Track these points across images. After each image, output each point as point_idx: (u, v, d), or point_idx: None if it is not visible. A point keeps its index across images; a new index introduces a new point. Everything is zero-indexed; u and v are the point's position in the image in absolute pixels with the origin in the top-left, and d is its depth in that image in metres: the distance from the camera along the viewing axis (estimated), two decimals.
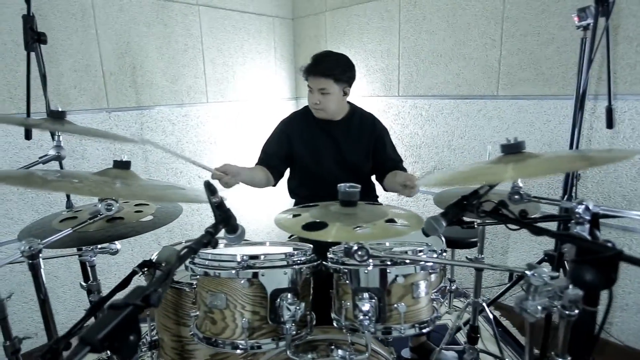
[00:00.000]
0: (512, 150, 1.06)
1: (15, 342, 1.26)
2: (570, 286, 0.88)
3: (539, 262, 1.91)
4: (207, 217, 2.90)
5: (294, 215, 0.98)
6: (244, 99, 3.03)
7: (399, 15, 2.65)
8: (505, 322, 2.24)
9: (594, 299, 0.78)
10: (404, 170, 1.87)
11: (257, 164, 1.83)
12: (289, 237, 1.88)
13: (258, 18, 3.05)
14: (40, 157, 1.29)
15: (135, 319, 0.62)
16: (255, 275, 1.02)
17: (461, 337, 2.16)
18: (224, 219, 0.91)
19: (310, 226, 0.89)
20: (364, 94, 2.91)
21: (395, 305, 1.01)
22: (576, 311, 0.89)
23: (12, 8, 1.92)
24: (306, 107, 1.91)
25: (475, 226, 1.44)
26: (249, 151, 3.06)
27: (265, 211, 3.25)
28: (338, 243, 1.25)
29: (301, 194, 1.87)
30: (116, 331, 0.57)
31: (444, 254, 1.18)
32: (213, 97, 2.83)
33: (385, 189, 1.89)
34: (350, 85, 1.78)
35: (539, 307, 0.91)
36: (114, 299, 0.63)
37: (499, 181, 0.99)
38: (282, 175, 1.87)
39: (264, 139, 1.95)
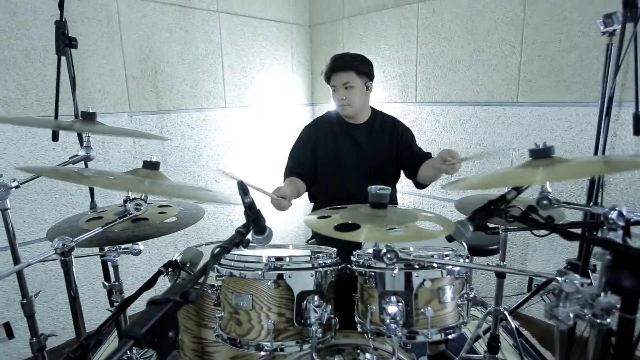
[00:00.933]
0: (541, 155, 1.05)
1: (41, 339, 1.29)
2: (602, 294, 0.86)
3: None
4: (222, 222, 2.92)
5: (324, 217, 0.99)
6: (261, 104, 3.06)
7: (417, 22, 2.66)
8: (525, 333, 2.19)
9: (633, 307, 0.76)
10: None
11: (287, 176, 1.80)
12: (307, 241, 1.88)
13: (276, 25, 3.09)
14: (70, 157, 1.32)
15: (174, 315, 0.62)
16: (281, 276, 1.03)
17: (479, 346, 2.12)
18: (254, 219, 0.92)
19: (342, 227, 0.89)
20: (381, 100, 2.92)
21: (422, 310, 1.00)
22: (608, 320, 0.87)
23: (43, 15, 1.99)
24: (328, 113, 1.92)
25: (500, 232, 1.43)
26: (265, 156, 3.09)
27: (282, 216, 3.26)
28: (359, 247, 1.25)
29: (322, 198, 1.86)
30: (157, 326, 0.58)
31: (467, 259, 1.17)
32: (231, 102, 2.87)
33: (419, 184, 1.84)
34: (371, 80, 1.79)
35: (571, 314, 0.89)
36: (153, 296, 0.63)
37: (530, 184, 0.98)
38: (313, 181, 1.84)
39: (281, 145, 1.95)
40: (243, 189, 0.84)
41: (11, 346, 2.06)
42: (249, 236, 1.00)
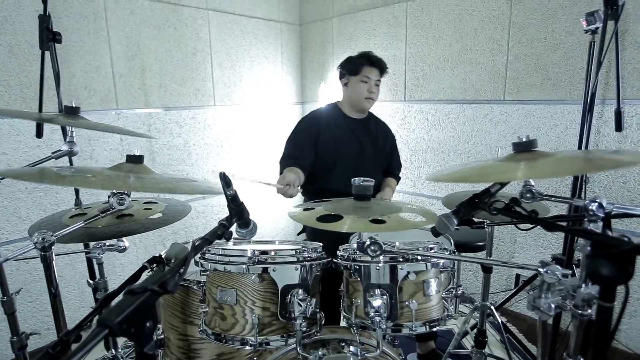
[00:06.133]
0: (524, 148, 1.07)
1: (22, 337, 1.26)
2: (583, 285, 0.87)
3: None
4: (212, 220, 2.90)
5: (307, 209, 0.98)
6: (250, 103, 3.05)
7: (405, 21, 2.68)
8: (512, 328, 2.21)
9: (610, 295, 0.77)
10: (398, 178, 2.04)
11: (285, 165, 1.72)
12: (298, 234, 1.90)
13: (266, 23, 3.08)
14: (53, 152, 1.30)
15: (152, 306, 0.61)
16: (266, 270, 1.02)
17: (467, 342, 2.14)
18: (238, 212, 0.91)
19: (324, 218, 0.88)
20: None
21: (407, 303, 1.00)
22: (589, 311, 0.88)
23: (27, 10, 1.95)
24: (324, 107, 1.94)
25: (485, 227, 1.45)
26: (255, 154, 3.08)
27: (272, 213, 3.25)
28: (347, 242, 1.25)
29: (310, 188, 1.82)
30: (134, 316, 0.57)
31: (453, 254, 1.17)
32: (220, 101, 2.86)
33: None
34: None
35: (552, 305, 0.90)
36: (131, 286, 0.62)
37: (511, 180, 0.99)
38: (311, 172, 1.78)
39: (271, 143, 1.95)
40: (225, 180, 0.84)
41: None
42: (234, 230, 1.00)
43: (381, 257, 1.00)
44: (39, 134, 1.67)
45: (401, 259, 1.00)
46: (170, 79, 2.57)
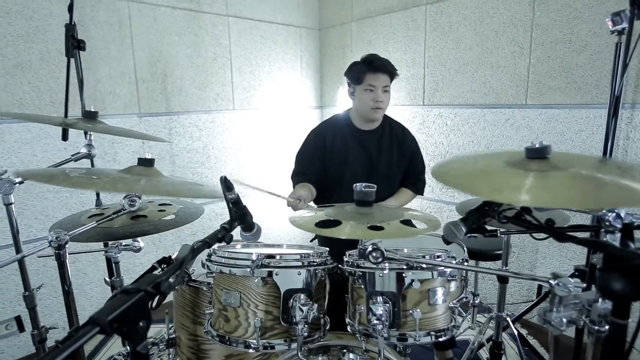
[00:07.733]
0: (536, 155, 1.02)
1: (42, 331, 1.32)
2: (600, 299, 0.83)
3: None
4: None
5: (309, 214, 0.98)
6: (269, 107, 3.09)
7: (425, 24, 2.64)
8: (533, 341, 2.12)
9: (624, 311, 0.72)
10: (415, 188, 1.86)
11: (297, 182, 1.74)
12: (311, 241, 1.89)
13: (285, 28, 3.12)
14: (72, 155, 1.36)
15: (146, 306, 0.63)
16: (269, 274, 1.02)
17: (484, 354, 2.06)
18: (240, 216, 0.92)
19: (324, 224, 0.88)
20: (389, 102, 2.89)
21: (411, 311, 0.98)
22: (606, 327, 0.83)
23: (58, 19, 2.06)
24: (335, 117, 1.87)
25: (498, 235, 1.40)
26: (273, 158, 3.11)
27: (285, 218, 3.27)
28: (355, 247, 1.24)
29: (323, 202, 1.78)
30: (126, 315, 0.58)
31: (465, 263, 1.14)
32: (239, 105, 2.91)
33: None
34: None
35: (564, 320, 0.86)
36: (125, 285, 0.64)
37: (507, 202, 0.87)
38: (322, 187, 1.78)
39: (289, 147, 1.92)
40: (227, 184, 0.85)
41: (22, 339, 2.12)
42: (238, 234, 1.01)
43: (386, 264, 0.98)
44: (65, 137, 1.74)
45: (405, 267, 0.98)
46: (190, 84, 2.64)
